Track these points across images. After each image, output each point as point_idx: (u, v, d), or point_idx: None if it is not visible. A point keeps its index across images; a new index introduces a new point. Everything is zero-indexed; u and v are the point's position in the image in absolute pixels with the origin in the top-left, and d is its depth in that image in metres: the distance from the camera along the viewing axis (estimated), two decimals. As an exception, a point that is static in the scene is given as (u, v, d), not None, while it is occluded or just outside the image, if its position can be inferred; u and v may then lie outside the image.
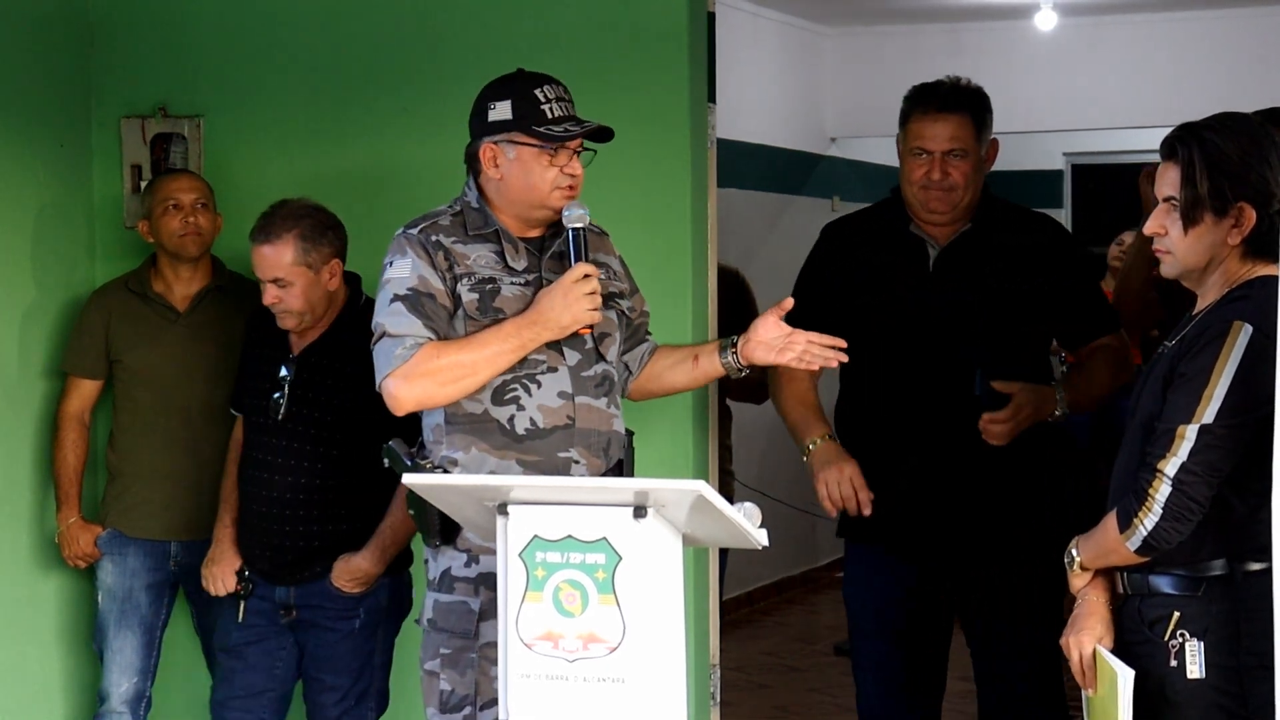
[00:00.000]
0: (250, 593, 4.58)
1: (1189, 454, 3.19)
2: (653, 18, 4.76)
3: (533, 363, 3.76)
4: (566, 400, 3.78)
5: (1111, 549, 3.33)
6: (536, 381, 3.77)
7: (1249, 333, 3.19)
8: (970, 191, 4.32)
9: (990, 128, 4.38)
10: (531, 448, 3.76)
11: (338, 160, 5.06)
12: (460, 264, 3.79)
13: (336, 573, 4.50)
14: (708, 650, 4.82)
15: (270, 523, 4.50)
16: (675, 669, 3.22)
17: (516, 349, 3.73)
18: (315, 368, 4.49)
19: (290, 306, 4.43)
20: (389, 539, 4.49)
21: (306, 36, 5.09)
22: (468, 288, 3.78)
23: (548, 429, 3.76)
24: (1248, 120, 3.35)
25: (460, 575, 3.80)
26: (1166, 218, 3.34)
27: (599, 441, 3.81)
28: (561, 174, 3.78)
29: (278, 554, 4.52)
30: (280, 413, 4.48)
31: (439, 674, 3.80)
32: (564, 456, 3.76)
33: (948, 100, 4.32)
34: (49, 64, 5.08)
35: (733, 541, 3.44)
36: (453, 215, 3.86)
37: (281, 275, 4.40)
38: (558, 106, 3.80)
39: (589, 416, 3.80)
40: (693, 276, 4.77)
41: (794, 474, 4.63)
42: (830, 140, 10.18)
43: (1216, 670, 3.26)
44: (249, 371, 4.64)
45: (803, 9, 9.44)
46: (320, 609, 4.53)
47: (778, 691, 7.39)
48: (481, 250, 3.82)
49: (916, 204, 4.35)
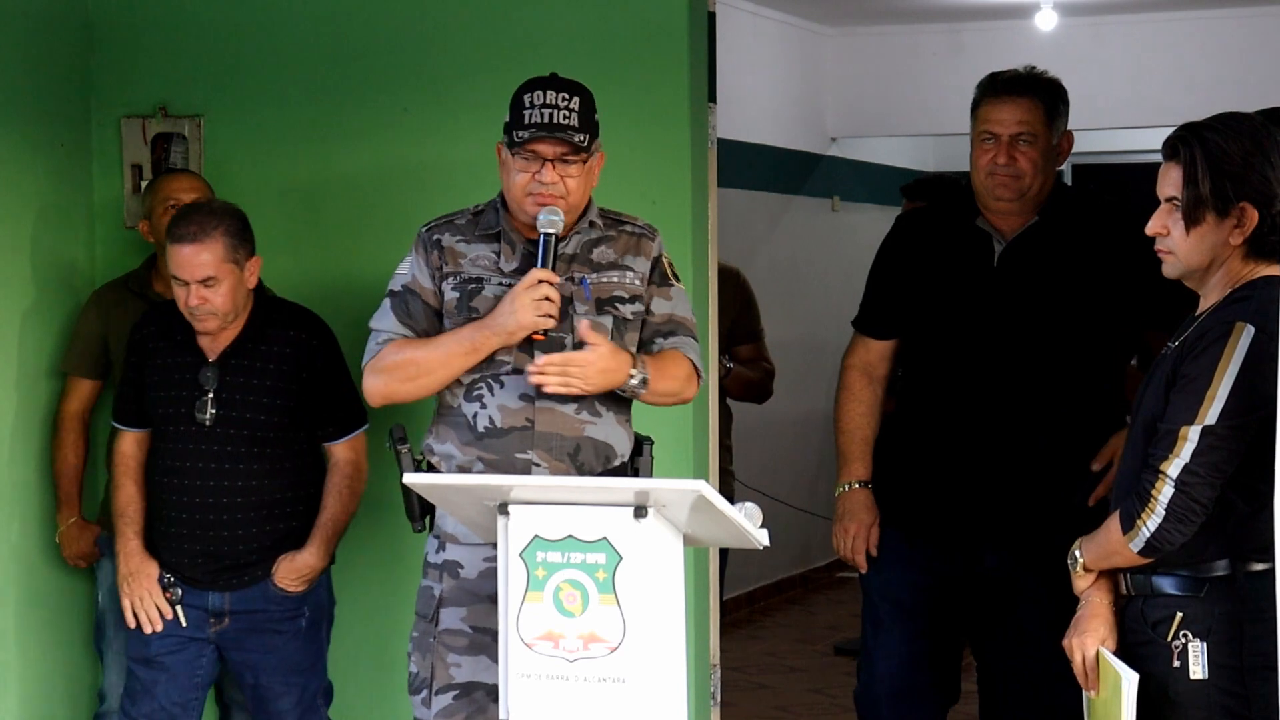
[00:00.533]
0: (179, 599, 4.45)
1: (1192, 455, 3.19)
2: (653, 18, 4.76)
3: (499, 363, 3.82)
4: (528, 403, 3.82)
5: (1115, 550, 3.33)
6: (500, 382, 3.83)
7: (1251, 333, 3.19)
8: (1039, 180, 4.26)
9: (1064, 118, 4.31)
10: (490, 446, 3.82)
11: (338, 160, 5.06)
12: (452, 263, 3.86)
13: (281, 572, 4.46)
14: (708, 650, 4.82)
15: (205, 529, 4.41)
16: (675, 669, 3.22)
17: (469, 351, 3.80)
18: (237, 369, 4.43)
19: (216, 307, 4.35)
20: (331, 532, 4.51)
21: (306, 36, 5.09)
22: (451, 287, 3.86)
23: (504, 429, 3.82)
24: (1250, 120, 3.34)
25: (430, 561, 3.92)
26: (1168, 218, 3.34)
27: (563, 446, 3.82)
28: (533, 180, 3.80)
29: (213, 560, 4.44)
30: (209, 419, 4.40)
31: (410, 655, 3.94)
32: (522, 458, 3.80)
33: (1016, 84, 4.28)
34: (49, 64, 5.07)
35: (733, 541, 3.44)
36: (474, 213, 3.94)
37: (212, 274, 4.33)
38: (540, 113, 3.79)
39: (551, 420, 3.81)
40: (693, 276, 4.76)
41: (794, 474, 4.64)
42: (830, 140, 10.17)
43: (1219, 671, 3.26)
44: (159, 382, 4.47)
45: (803, 9, 9.44)
46: (262, 613, 4.47)
47: (778, 691, 7.38)
48: (482, 250, 3.88)
49: (984, 192, 4.30)
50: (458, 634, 3.85)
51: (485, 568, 3.79)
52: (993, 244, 4.31)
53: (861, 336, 4.52)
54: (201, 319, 4.38)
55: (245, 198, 5.06)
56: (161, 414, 4.47)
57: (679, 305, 3.99)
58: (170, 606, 4.45)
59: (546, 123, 3.77)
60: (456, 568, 3.86)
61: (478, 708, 3.83)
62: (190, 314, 4.38)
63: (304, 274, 5.10)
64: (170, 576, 4.46)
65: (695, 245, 4.78)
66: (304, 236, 5.11)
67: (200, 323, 4.39)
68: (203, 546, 4.43)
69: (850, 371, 4.50)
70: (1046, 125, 4.26)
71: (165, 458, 4.47)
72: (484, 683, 3.81)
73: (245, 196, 5.07)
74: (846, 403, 4.48)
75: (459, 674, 3.84)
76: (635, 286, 3.92)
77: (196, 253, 4.32)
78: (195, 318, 4.38)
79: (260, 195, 5.11)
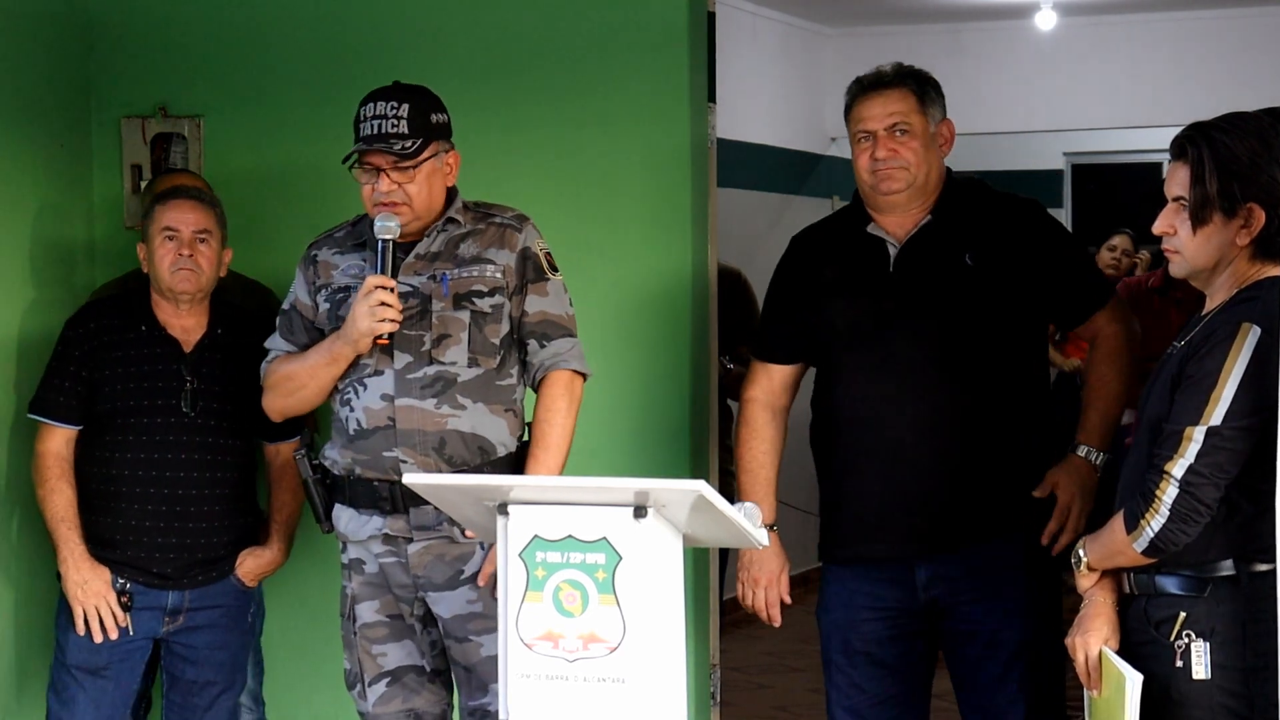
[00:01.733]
0: (130, 605, 4.38)
1: (1196, 456, 3.19)
2: (653, 18, 4.76)
3: (362, 367, 3.96)
4: (388, 402, 3.94)
5: (1119, 550, 3.33)
6: (364, 384, 3.96)
7: (1258, 334, 3.18)
8: (925, 169, 4.11)
9: (939, 106, 4.17)
10: (361, 446, 3.96)
11: (338, 160, 5.04)
12: (324, 275, 4.03)
13: (246, 567, 4.48)
14: (708, 650, 4.82)
15: (183, 520, 4.37)
16: (675, 669, 3.22)
17: (329, 360, 3.96)
18: (212, 361, 4.44)
19: (201, 264, 4.37)
20: (291, 529, 4.56)
21: (306, 36, 5.09)
22: (324, 298, 4.03)
23: (370, 429, 3.95)
24: (1259, 121, 3.33)
25: (342, 561, 4.08)
26: (1175, 217, 3.34)
27: (427, 441, 3.92)
28: (374, 190, 3.95)
29: (186, 552, 4.39)
30: (192, 409, 4.39)
31: (345, 654, 4.10)
32: (389, 455, 3.93)
33: (881, 80, 4.17)
34: (49, 64, 5.07)
35: (733, 541, 3.44)
36: (351, 225, 4.10)
37: (207, 227, 4.38)
38: (371, 125, 3.95)
39: (411, 417, 3.92)
40: (693, 276, 4.77)
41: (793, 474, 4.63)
42: (830, 140, 10.17)
43: (1222, 671, 3.25)
44: (127, 374, 4.39)
45: (803, 9, 9.44)
46: (219, 609, 4.47)
47: (778, 691, 7.38)
48: (353, 259, 4.04)
49: (871, 193, 4.14)
50: (375, 625, 4.03)
51: (381, 562, 4.00)
52: (887, 249, 4.15)
53: (763, 365, 4.33)
54: (184, 277, 4.35)
55: (245, 197, 5.07)
56: (131, 405, 4.38)
57: (554, 301, 4.00)
58: (124, 613, 4.38)
59: (374, 134, 3.93)
60: (360, 564, 4.04)
61: (411, 690, 4.02)
62: (174, 272, 4.34)
63: (304, 274, 5.10)
64: (124, 581, 4.39)
65: (695, 245, 4.77)
66: (303, 236, 5.08)
67: (182, 281, 4.36)
68: (178, 539, 4.39)
69: (751, 405, 4.33)
70: (920, 113, 4.13)
71: (134, 450, 4.38)
72: (412, 665, 4.02)
73: (245, 196, 5.08)
74: (748, 439, 4.31)
75: (386, 662, 4.03)
76: (495, 279, 3.96)
77: (196, 207, 4.40)
78: (180, 274, 4.35)
79: (260, 195, 5.12)
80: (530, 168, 4.86)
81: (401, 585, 4.00)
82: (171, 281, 4.38)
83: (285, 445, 4.54)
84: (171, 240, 4.37)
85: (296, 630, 5.13)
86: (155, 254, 4.39)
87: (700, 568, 4.75)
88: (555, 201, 4.66)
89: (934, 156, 4.16)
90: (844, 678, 4.28)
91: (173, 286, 4.39)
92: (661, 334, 4.78)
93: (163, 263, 4.37)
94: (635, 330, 4.78)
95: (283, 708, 5.12)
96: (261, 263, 5.07)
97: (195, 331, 4.45)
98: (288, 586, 5.11)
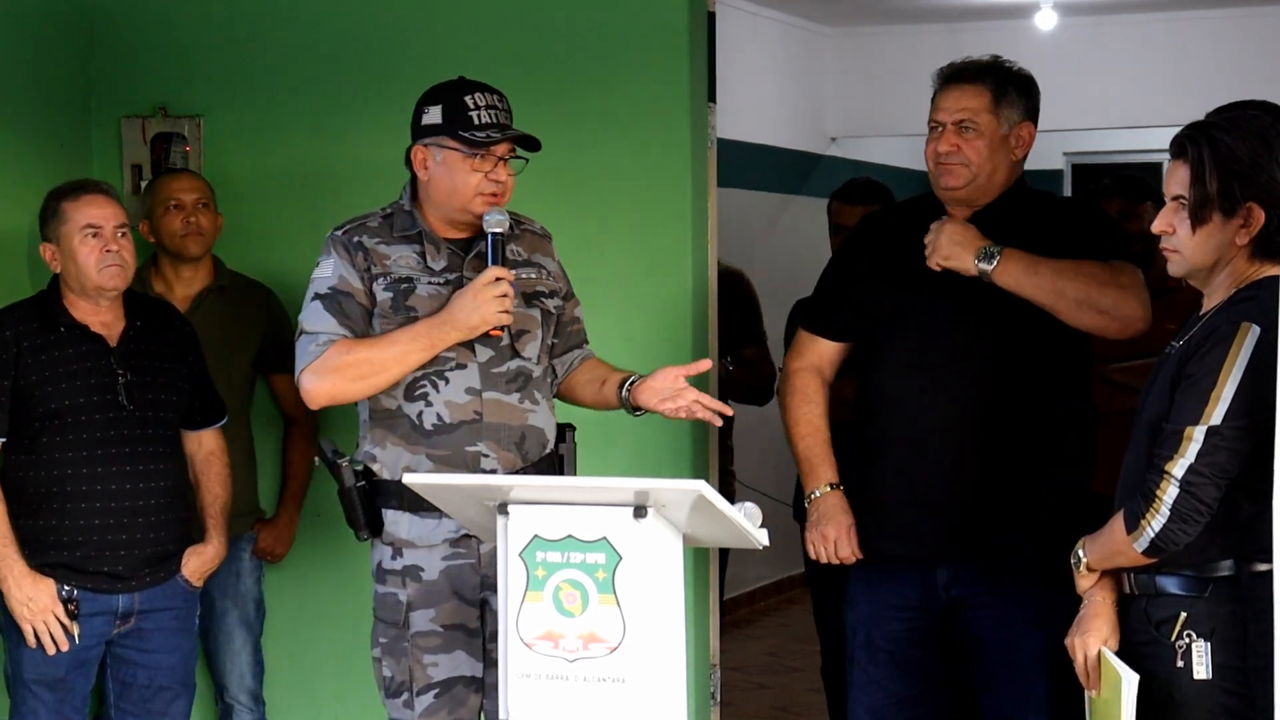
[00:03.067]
0: (77, 613, 4.29)
1: (1196, 455, 3.18)
2: (653, 18, 4.76)
3: (442, 360, 3.87)
4: (474, 396, 3.88)
5: (1119, 550, 3.32)
6: (445, 378, 3.88)
7: (1257, 334, 3.18)
8: (988, 169, 4.10)
9: (1019, 108, 4.13)
10: (439, 442, 3.87)
11: (337, 159, 5.06)
12: (379, 264, 3.91)
13: (192, 566, 4.44)
14: (708, 650, 4.82)
15: (131, 515, 4.32)
16: (675, 669, 3.22)
17: (425, 348, 3.84)
18: (139, 354, 4.39)
19: (126, 258, 4.33)
20: (226, 516, 4.54)
21: (306, 36, 5.09)
22: (383, 287, 3.90)
23: (454, 424, 3.87)
24: (1259, 120, 3.33)
25: (389, 568, 3.94)
26: (1175, 216, 3.33)
27: (510, 435, 3.89)
28: (486, 180, 3.87)
29: (136, 548, 4.33)
30: (129, 407, 4.34)
31: (382, 660, 3.96)
32: (472, 450, 3.87)
33: (964, 72, 4.15)
34: (49, 64, 5.07)
35: (733, 541, 3.44)
36: (383, 217, 3.99)
37: (125, 221, 4.35)
38: (487, 114, 3.88)
39: (498, 411, 3.89)
40: (693, 276, 4.77)
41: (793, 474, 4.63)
42: (830, 140, 10.18)
43: (1223, 671, 3.26)
44: (56, 375, 4.29)
45: (803, 9, 9.44)
46: (168, 611, 4.42)
47: (778, 691, 7.39)
48: (404, 251, 3.93)
49: (934, 183, 4.16)
50: (430, 635, 3.91)
51: (444, 567, 3.90)
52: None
53: (811, 337, 4.31)
54: (112, 272, 4.28)
55: (245, 197, 5.07)
56: (67, 406, 4.29)
57: (581, 312, 4.14)
58: (71, 621, 4.29)
59: (501, 124, 3.88)
60: (417, 571, 3.91)
61: (458, 700, 3.93)
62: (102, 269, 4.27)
63: (303, 272, 5.08)
64: (70, 589, 4.30)
65: (695, 245, 4.77)
66: (303, 236, 5.10)
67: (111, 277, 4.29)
68: (127, 535, 4.32)
69: (800, 374, 4.30)
70: (992, 112, 4.10)
71: (75, 449, 4.29)
72: (462, 676, 3.92)
73: (245, 196, 5.08)
74: (799, 406, 4.28)
75: (437, 672, 3.91)
76: (552, 284, 4.03)
77: (111, 202, 4.35)
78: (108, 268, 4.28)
79: (260, 195, 5.12)
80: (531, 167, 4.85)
81: (468, 588, 3.90)
82: (101, 279, 4.30)
83: (207, 433, 4.53)
84: (95, 237, 4.30)
85: (297, 630, 5.14)
86: (77, 253, 4.31)
87: (700, 568, 4.75)
88: (556, 201, 4.66)
89: (1002, 158, 4.13)
90: (864, 675, 4.28)
91: (102, 284, 4.31)
92: (661, 334, 4.79)
93: (88, 261, 4.29)
94: (635, 330, 4.78)
95: (283, 708, 5.12)
96: (261, 262, 5.08)
97: (116, 326, 4.38)
98: (288, 586, 5.11)
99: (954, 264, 4.04)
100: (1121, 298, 4.03)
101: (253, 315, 4.97)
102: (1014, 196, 4.19)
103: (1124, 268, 4.08)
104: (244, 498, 4.90)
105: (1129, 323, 4.04)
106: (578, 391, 4.09)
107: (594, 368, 4.10)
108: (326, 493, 5.08)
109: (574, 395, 4.11)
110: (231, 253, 5.01)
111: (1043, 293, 4.01)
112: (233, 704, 4.99)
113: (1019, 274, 4.00)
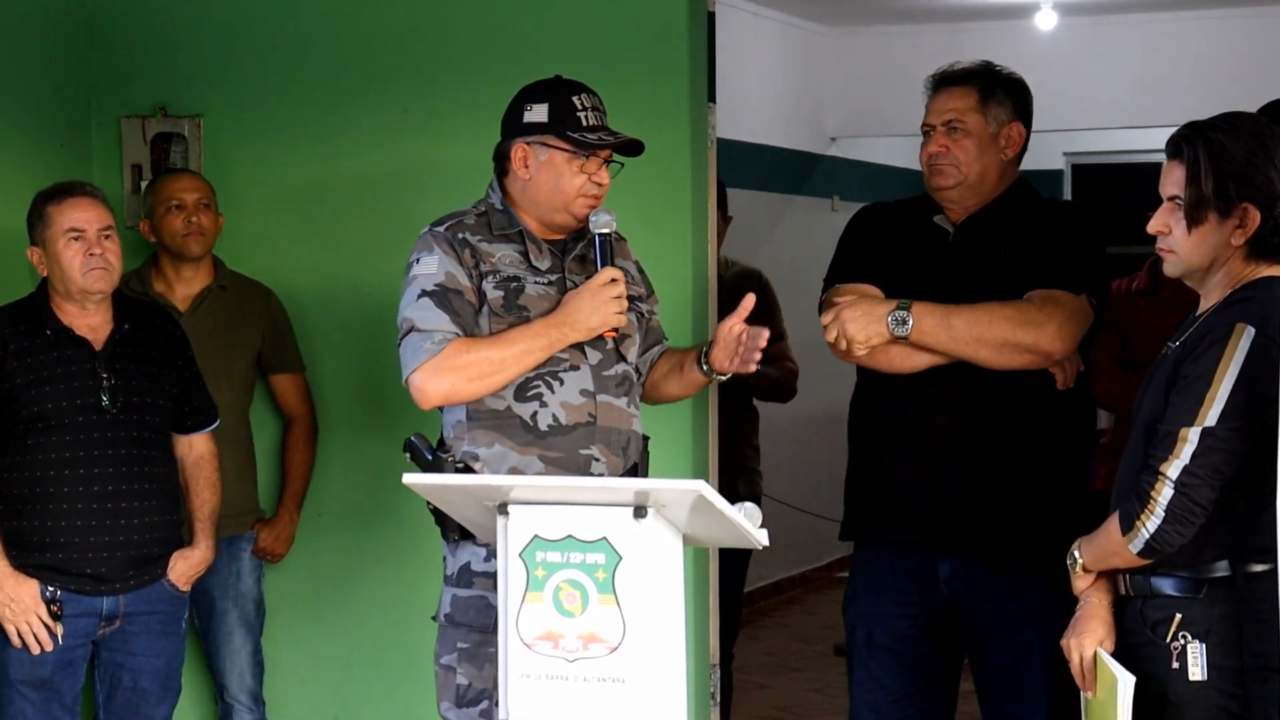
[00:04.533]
0: (61, 614, 4.28)
1: (1191, 457, 3.19)
2: (653, 18, 4.76)
3: (556, 361, 3.81)
4: (589, 398, 3.83)
5: (1114, 551, 3.33)
6: (559, 379, 3.82)
7: (1252, 335, 3.19)
8: (978, 171, 4.14)
9: (1007, 108, 4.17)
10: (554, 444, 3.80)
11: (338, 159, 5.06)
12: (486, 261, 3.83)
13: (179, 570, 4.42)
14: (708, 650, 4.82)
15: (116, 517, 4.31)
16: (675, 669, 3.22)
17: (544, 348, 3.79)
18: (125, 357, 4.38)
19: (111, 261, 4.32)
20: (214, 521, 4.52)
21: (306, 36, 5.09)
22: (493, 285, 3.82)
23: (570, 425, 3.81)
24: (1255, 120, 3.34)
25: (480, 570, 3.82)
26: (1170, 216, 3.34)
27: (619, 440, 3.86)
28: (589, 181, 3.84)
29: (122, 550, 4.32)
30: (113, 405, 4.33)
31: (456, 668, 3.83)
32: (585, 453, 3.81)
33: (951, 76, 4.20)
34: (49, 64, 5.07)
35: (733, 541, 3.44)
36: (477, 215, 3.91)
37: (110, 224, 4.33)
38: (592, 115, 3.85)
39: (610, 414, 3.85)
40: (693, 276, 4.77)
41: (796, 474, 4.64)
42: (830, 140, 10.18)
43: (1218, 672, 3.26)
44: (43, 378, 4.29)
45: (803, 9, 9.45)
46: (154, 614, 4.40)
47: (778, 691, 7.38)
48: (506, 249, 3.86)
49: (926, 184, 4.22)
50: None
51: None
52: (947, 237, 4.20)
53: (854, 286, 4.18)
54: (97, 276, 4.28)
55: (245, 197, 5.08)
56: (50, 409, 4.29)
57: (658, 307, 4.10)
58: (55, 622, 4.28)
59: (606, 126, 3.85)
60: None
61: None
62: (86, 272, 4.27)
63: (303, 272, 5.10)
64: (54, 590, 4.29)
65: (695, 245, 4.78)
66: (303, 235, 5.11)
67: (96, 280, 4.28)
68: (110, 537, 4.31)
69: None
70: (979, 112, 4.14)
71: (58, 451, 4.29)
72: None
73: (245, 196, 5.09)
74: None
75: None
76: (635, 286, 3.99)
77: (96, 205, 4.34)
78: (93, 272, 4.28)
79: (260, 195, 5.12)
80: (530, 168, 4.87)
81: None
82: (85, 282, 4.30)
83: (198, 437, 4.52)
84: (78, 240, 4.29)
85: (297, 630, 5.14)
86: (61, 256, 4.30)
87: (700, 568, 4.75)
88: (555, 201, 4.65)
89: (992, 158, 4.17)
90: (865, 672, 4.29)
91: (86, 287, 4.31)
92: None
93: (72, 264, 4.29)
94: (635, 330, 4.77)
95: (283, 708, 5.12)
96: (261, 262, 5.08)
97: (103, 329, 4.37)
98: (288, 586, 5.11)
99: (874, 342, 4.04)
100: (1040, 335, 4.02)
101: (253, 315, 4.97)
102: (1009, 201, 4.21)
103: (1052, 298, 4.05)
104: (244, 498, 4.91)
105: (1047, 356, 4.06)
106: (662, 387, 4.04)
107: (670, 356, 4.06)
108: (327, 493, 5.10)
109: (659, 392, 4.06)
110: (231, 253, 5.01)
111: (960, 344, 4.04)
112: (233, 704, 4.98)
113: (934, 329, 4.03)
